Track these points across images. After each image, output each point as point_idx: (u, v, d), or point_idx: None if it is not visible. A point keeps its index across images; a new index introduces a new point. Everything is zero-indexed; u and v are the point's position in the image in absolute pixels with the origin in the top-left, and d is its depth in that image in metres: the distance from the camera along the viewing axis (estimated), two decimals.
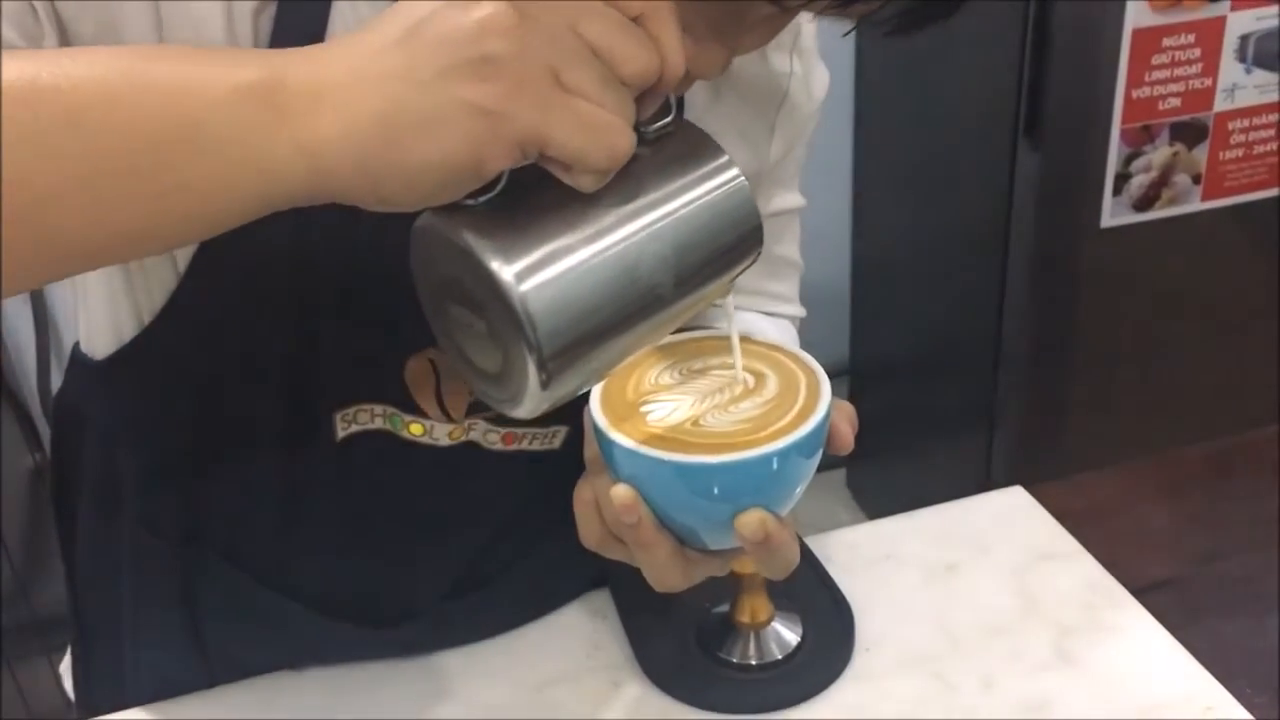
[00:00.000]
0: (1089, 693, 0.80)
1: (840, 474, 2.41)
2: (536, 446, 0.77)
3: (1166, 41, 1.60)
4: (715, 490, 0.56)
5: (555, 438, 0.78)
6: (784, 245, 0.88)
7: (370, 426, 0.73)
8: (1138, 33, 1.58)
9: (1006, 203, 1.73)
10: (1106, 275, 1.74)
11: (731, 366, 0.60)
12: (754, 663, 0.82)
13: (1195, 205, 1.72)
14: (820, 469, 0.59)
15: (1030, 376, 1.84)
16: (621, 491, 0.57)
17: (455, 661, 0.85)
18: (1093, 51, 1.60)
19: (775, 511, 0.58)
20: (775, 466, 0.56)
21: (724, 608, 0.84)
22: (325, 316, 0.69)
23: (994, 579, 0.89)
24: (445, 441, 0.75)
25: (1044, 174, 1.68)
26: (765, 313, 0.87)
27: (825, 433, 0.58)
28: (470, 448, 0.76)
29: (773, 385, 0.59)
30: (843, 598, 0.86)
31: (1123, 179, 1.67)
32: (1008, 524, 0.95)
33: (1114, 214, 1.69)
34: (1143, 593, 0.87)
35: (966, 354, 1.95)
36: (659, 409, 0.58)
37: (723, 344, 0.62)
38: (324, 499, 0.77)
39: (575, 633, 0.87)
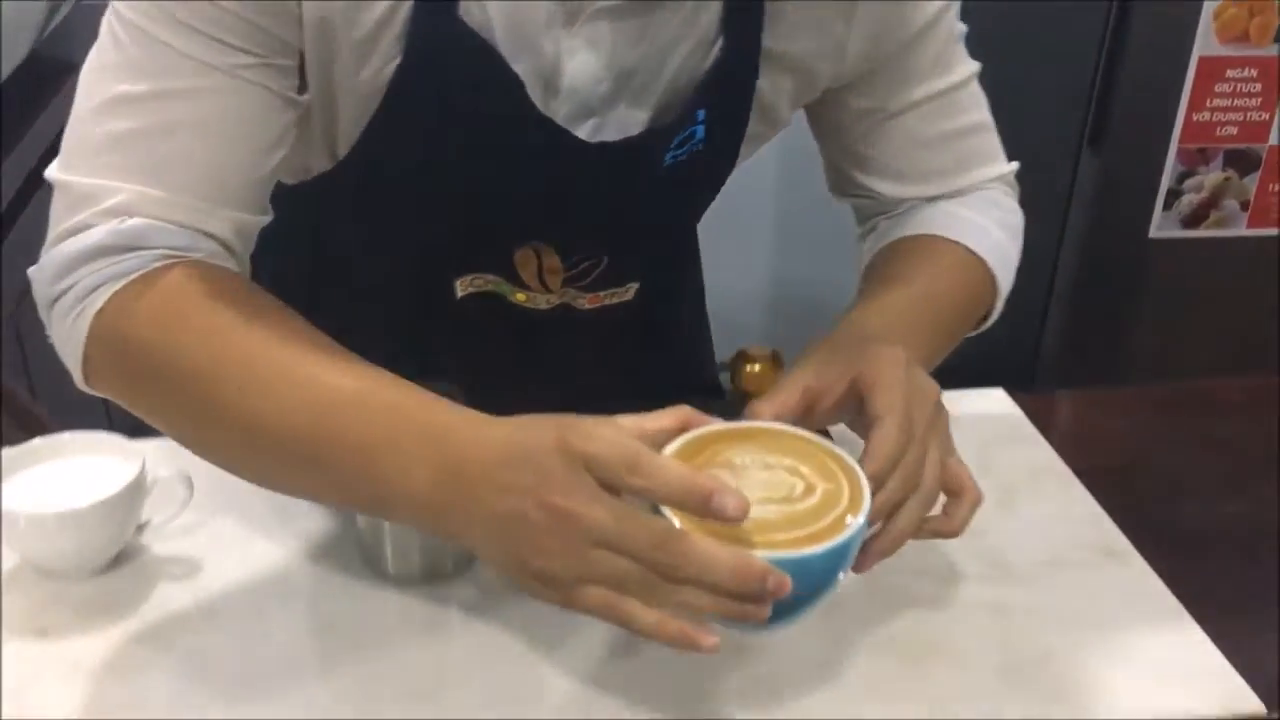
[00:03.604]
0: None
1: None
2: (615, 300, 0.95)
3: (1230, 73, 1.72)
4: None
5: (630, 291, 0.95)
6: (966, 116, 0.97)
7: (485, 289, 0.91)
8: (1204, 60, 1.71)
9: (1065, 205, 1.86)
10: (1148, 282, 1.86)
11: (776, 467, 0.64)
12: None
13: (1240, 230, 1.83)
14: None
15: (1066, 379, 1.96)
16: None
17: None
18: (1161, 72, 1.73)
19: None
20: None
21: None
22: (457, 210, 0.85)
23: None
24: (544, 306, 0.92)
25: (1102, 181, 1.81)
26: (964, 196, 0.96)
27: (847, 555, 0.62)
28: (565, 309, 0.93)
29: (817, 497, 0.62)
30: None
31: (1174, 195, 1.79)
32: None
33: (1161, 226, 1.81)
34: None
35: (1007, 358, 2.07)
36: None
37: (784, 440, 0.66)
38: (442, 347, 0.94)
39: None
